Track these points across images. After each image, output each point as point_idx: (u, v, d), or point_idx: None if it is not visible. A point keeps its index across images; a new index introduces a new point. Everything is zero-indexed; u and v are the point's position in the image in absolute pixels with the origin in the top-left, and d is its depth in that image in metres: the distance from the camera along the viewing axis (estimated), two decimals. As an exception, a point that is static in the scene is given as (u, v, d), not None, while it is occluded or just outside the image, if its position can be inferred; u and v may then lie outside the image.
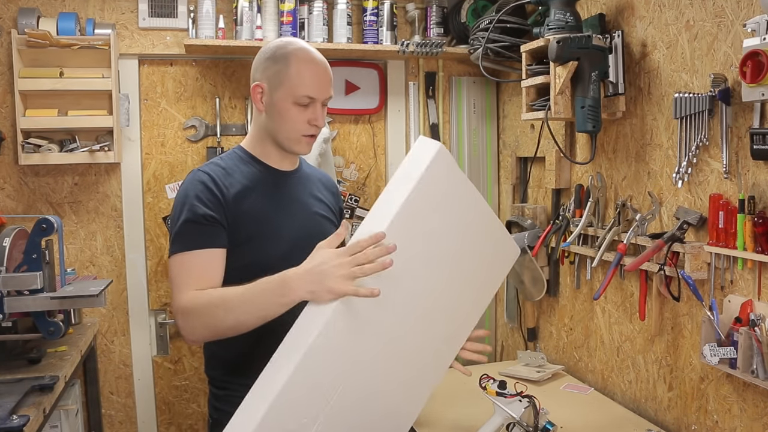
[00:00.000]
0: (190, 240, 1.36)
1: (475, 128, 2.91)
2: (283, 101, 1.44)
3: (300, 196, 1.56)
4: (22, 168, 2.44)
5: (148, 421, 2.64)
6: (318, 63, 1.46)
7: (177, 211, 1.40)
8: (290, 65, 1.43)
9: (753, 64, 1.43)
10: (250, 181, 1.46)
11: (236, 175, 1.45)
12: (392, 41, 2.68)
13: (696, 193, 1.77)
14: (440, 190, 1.42)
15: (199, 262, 1.36)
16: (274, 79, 1.44)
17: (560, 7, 1.99)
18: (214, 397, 1.51)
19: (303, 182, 1.60)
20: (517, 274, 2.49)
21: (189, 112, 2.64)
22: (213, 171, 1.44)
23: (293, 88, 1.42)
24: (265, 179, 1.49)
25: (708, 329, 1.64)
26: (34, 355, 1.96)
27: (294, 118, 1.44)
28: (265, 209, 1.46)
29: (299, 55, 1.44)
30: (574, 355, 2.39)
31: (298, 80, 1.42)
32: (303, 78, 1.43)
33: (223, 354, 1.49)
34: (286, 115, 1.44)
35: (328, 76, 1.47)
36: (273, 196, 1.49)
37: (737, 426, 1.67)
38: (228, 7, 2.56)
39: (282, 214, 1.48)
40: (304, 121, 1.45)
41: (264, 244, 1.43)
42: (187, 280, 1.34)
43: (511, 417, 1.63)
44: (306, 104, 1.44)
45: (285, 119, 1.45)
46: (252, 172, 1.48)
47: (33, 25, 2.32)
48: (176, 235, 1.38)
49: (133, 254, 2.58)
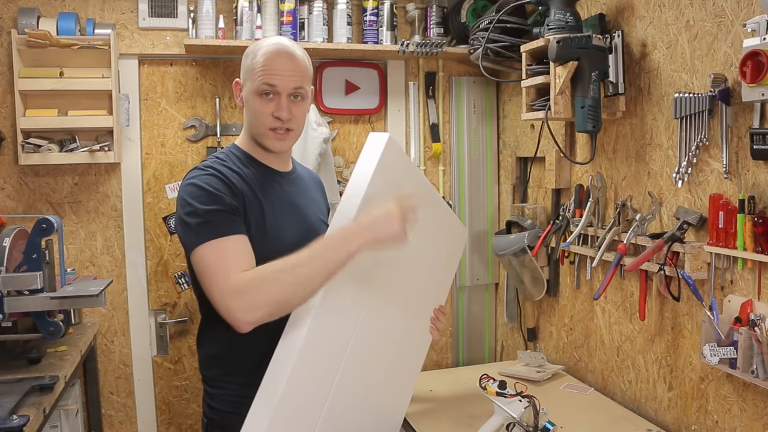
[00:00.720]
0: (223, 227, 1.32)
1: (475, 128, 2.91)
2: (249, 93, 1.45)
3: (299, 201, 1.56)
4: (22, 168, 2.44)
5: (148, 421, 2.64)
6: (283, 53, 1.44)
7: (197, 201, 1.34)
8: (257, 57, 1.44)
9: (753, 64, 1.43)
10: (251, 183, 1.45)
11: (238, 175, 1.44)
12: (392, 41, 2.68)
13: (696, 193, 1.77)
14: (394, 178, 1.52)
15: (237, 247, 1.32)
16: (246, 74, 1.47)
17: (560, 7, 1.99)
18: (209, 396, 1.51)
19: (299, 184, 1.60)
20: (517, 274, 2.49)
21: (189, 112, 2.64)
22: (221, 167, 1.42)
23: (255, 78, 1.43)
24: (265, 181, 1.49)
25: (708, 329, 1.64)
26: (34, 355, 1.96)
27: (259, 110, 1.44)
28: (269, 211, 1.45)
29: (266, 48, 1.45)
30: (574, 355, 2.39)
31: (260, 70, 1.43)
32: (264, 68, 1.43)
33: (218, 354, 1.49)
34: (252, 108, 1.45)
35: (293, 66, 1.45)
36: (274, 200, 1.48)
37: (737, 426, 1.67)
38: (228, 7, 2.56)
39: (283, 220, 1.48)
40: (269, 113, 1.44)
41: (268, 243, 1.42)
42: (234, 261, 1.30)
43: (511, 417, 1.63)
44: (269, 95, 1.43)
45: (252, 112, 1.46)
46: (251, 174, 1.47)
47: (33, 25, 2.32)
48: (203, 223, 1.32)
49: (133, 254, 2.58)
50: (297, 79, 1.45)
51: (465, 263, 2.92)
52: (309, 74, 1.51)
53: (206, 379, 1.53)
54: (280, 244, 1.43)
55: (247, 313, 1.26)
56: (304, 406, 1.31)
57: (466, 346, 3.00)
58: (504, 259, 2.51)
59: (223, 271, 1.28)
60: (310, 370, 1.31)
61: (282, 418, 1.24)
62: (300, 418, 1.30)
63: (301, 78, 1.46)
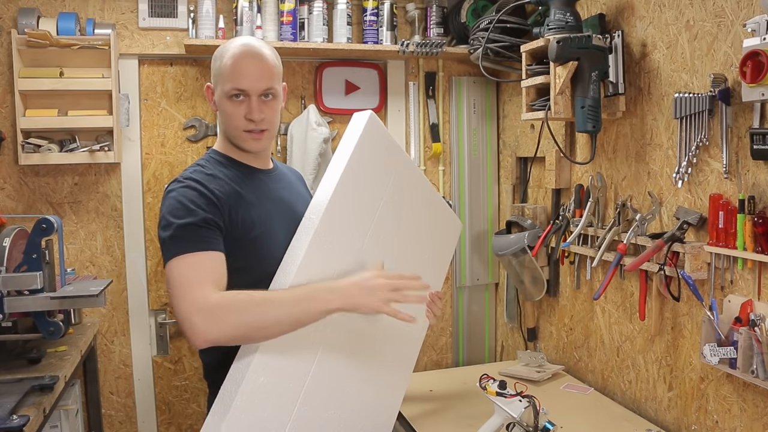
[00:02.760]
0: (198, 242, 1.32)
1: (475, 128, 2.91)
2: (220, 97, 1.44)
3: (285, 195, 1.56)
4: (22, 168, 2.44)
5: (148, 421, 2.64)
6: (249, 55, 1.43)
7: (172, 214, 1.35)
8: (224, 60, 1.43)
9: (753, 64, 1.43)
10: (236, 183, 1.44)
11: (221, 179, 1.43)
12: (392, 41, 2.68)
13: (696, 193, 1.77)
14: (377, 155, 1.56)
15: (211, 263, 1.32)
16: (216, 77, 1.46)
17: (560, 7, 1.99)
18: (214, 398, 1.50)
19: (282, 180, 1.60)
20: (517, 274, 2.49)
21: (189, 112, 2.64)
22: (200, 177, 1.40)
23: (224, 82, 1.43)
24: (248, 180, 1.48)
25: (708, 329, 1.64)
26: (34, 355, 1.96)
27: (231, 113, 1.43)
28: (257, 211, 1.44)
29: (232, 50, 1.44)
30: (574, 355, 2.39)
31: (228, 74, 1.42)
32: (231, 71, 1.42)
33: (222, 360, 1.45)
34: (225, 111, 1.45)
35: (261, 67, 1.43)
36: (261, 197, 1.47)
37: (737, 426, 1.67)
38: (228, 7, 2.56)
39: (273, 215, 1.47)
40: (241, 116, 1.43)
41: (260, 245, 1.42)
42: (205, 277, 1.29)
43: (511, 417, 1.63)
44: (239, 97, 1.43)
45: (225, 115, 1.45)
46: (234, 174, 1.46)
47: (33, 25, 2.32)
48: (177, 237, 1.32)
49: (133, 254, 2.58)
50: (266, 80, 1.44)
51: (465, 263, 2.92)
52: (278, 73, 1.49)
53: (213, 383, 1.50)
54: (271, 238, 1.43)
55: (209, 331, 1.24)
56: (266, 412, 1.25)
57: (466, 346, 3.00)
58: (504, 259, 2.51)
59: (196, 284, 1.27)
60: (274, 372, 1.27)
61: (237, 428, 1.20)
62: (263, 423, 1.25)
63: (270, 78, 1.45)
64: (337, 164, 1.47)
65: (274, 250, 1.41)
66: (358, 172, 1.47)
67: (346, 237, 1.45)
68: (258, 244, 1.41)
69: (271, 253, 1.41)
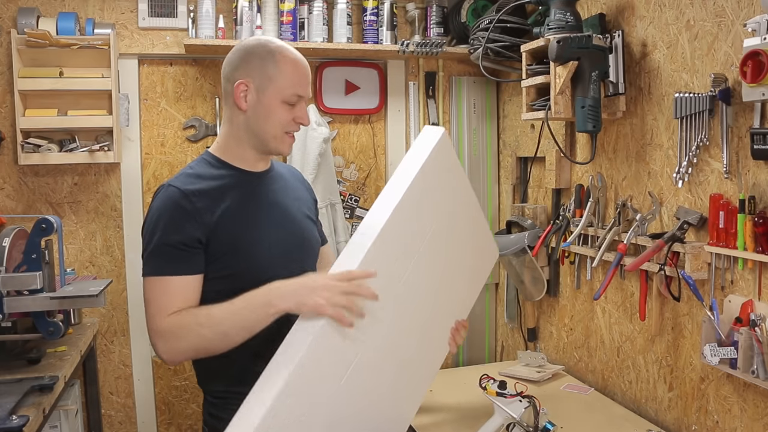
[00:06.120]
0: (167, 265, 1.34)
1: (475, 128, 2.91)
2: (271, 99, 1.42)
3: (279, 198, 1.52)
4: (21, 168, 2.44)
5: (148, 422, 2.64)
6: (303, 62, 1.47)
7: (150, 230, 1.36)
8: (279, 63, 1.42)
9: (753, 63, 1.43)
10: (225, 188, 1.42)
11: (209, 184, 1.41)
12: (392, 41, 2.68)
13: (696, 193, 1.77)
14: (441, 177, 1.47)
15: (175, 288, 1.34)
16: (262, 77, 1.42)
17: (560, 6, 1.99)
18: (211, 405, 1.48)
19: (278, 182, 1.56)
20: (517, 274, 2.49)
21: (189, 112, 2.63)
22: (184, 185, 1.38)
23: (284, 86, 1.41)
24: (239, 185, 1.45)
25: (708, 329, 1.63)
26: (34, 355, 1.96)
27: (282, 117, 1.43)
28: (245, 217, 1.42)
29: (286, 54, 1.44)
30: (574, 355, 2.39)
31: (289, 79, 1.42)
32: (293, 77, 1.42)
33: (219, 368, 1.45)
34: (273, 114, 1.43)
35: (309, 73, 1.48)
36: (251, 202, 1.45)
37: (737, 426, 1.66)
38: (228, 7, 2.56)
39: (262, 222, 1.45)
40: (290, 119, 1.44)
41: (247, 252, 1.40)
42: (167, 303, 1.33)
43: (511, 417, 1.63)
44: (294, 103, 1.44)
45: (271, 118, 1.43)
46: (225, 179, 1.44)
47: (33, 25, 2.32)
48: (152, 256, 1.36)
49: (133, 254, 2.57)
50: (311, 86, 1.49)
51: (465, 263, 2.92)
52: None
53: (208, 390, 1.50)
54: (258, 246, 1.41)
55: (169, 356, 1.33)
56: (299, 412, 1.24)
57: (466, 346, 2.99)
58: (504, 259, 2.51)
59: (156, 310, 1.34)
60: (310, 378, 1.24)
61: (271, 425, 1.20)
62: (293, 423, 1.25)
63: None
64: (399, 181, 1.38)
65: (261, 257, 1.40)
66: (420, 193, 1.39)
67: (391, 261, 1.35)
68: (244, 253, 1.39)
69: (259, 260, 1.40)
